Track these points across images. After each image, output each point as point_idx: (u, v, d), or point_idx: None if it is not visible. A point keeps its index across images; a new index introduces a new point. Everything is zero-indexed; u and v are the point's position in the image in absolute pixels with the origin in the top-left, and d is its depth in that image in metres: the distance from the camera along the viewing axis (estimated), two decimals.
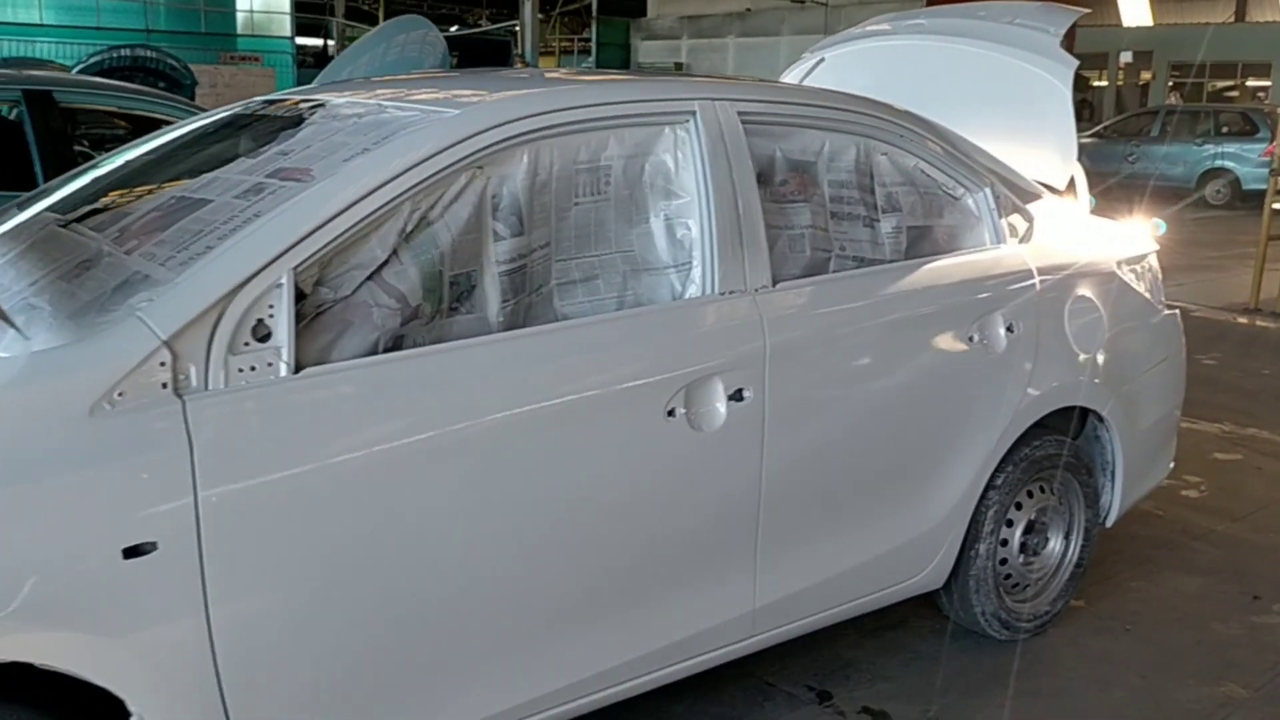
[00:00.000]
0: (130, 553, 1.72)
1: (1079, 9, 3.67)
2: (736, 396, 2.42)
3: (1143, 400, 3.43)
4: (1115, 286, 3.34)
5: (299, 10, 24.16)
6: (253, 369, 1.88)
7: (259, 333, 1.89)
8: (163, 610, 1.77)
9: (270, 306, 1.90)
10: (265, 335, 1.90)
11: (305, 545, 1.91)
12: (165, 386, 1.79)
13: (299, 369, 1.92)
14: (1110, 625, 3.34)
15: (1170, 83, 26.52)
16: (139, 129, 4.61)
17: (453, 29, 36.05)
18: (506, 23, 28.16)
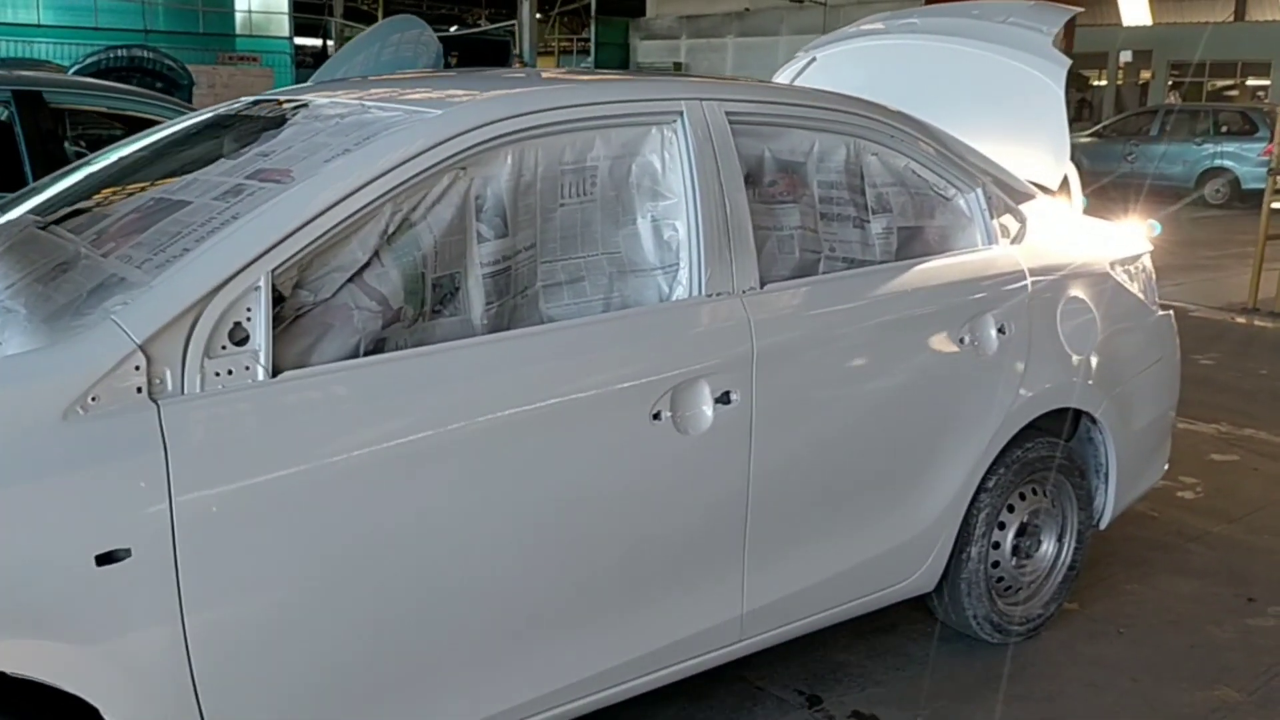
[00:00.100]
0: (103, 559, 1.70)
1: (1072, 8, 3.64)
2: (723, 399, 2.39)
3: (1137, 402, 3.40)
4: (1108, 287, 3.32)
5: (297, 10, 24.15)
6: (230, 373, 1.85)
7: (236, 336, 1.87)
8: (137, 618, 1.75)
9: (248, 309, 1.88)
10: (243, 339, 1.88)
11: (284, 551, 1.89)
12: (140, 391, 1.77)
13: (277, 373, 1.90)
14: (1104, 628, 3.32)
15: (1170, 82, 26.50)
16: (134, 130, 4.58)
17: (452, 29, 36.05)
18: (505, 23, 28.14)
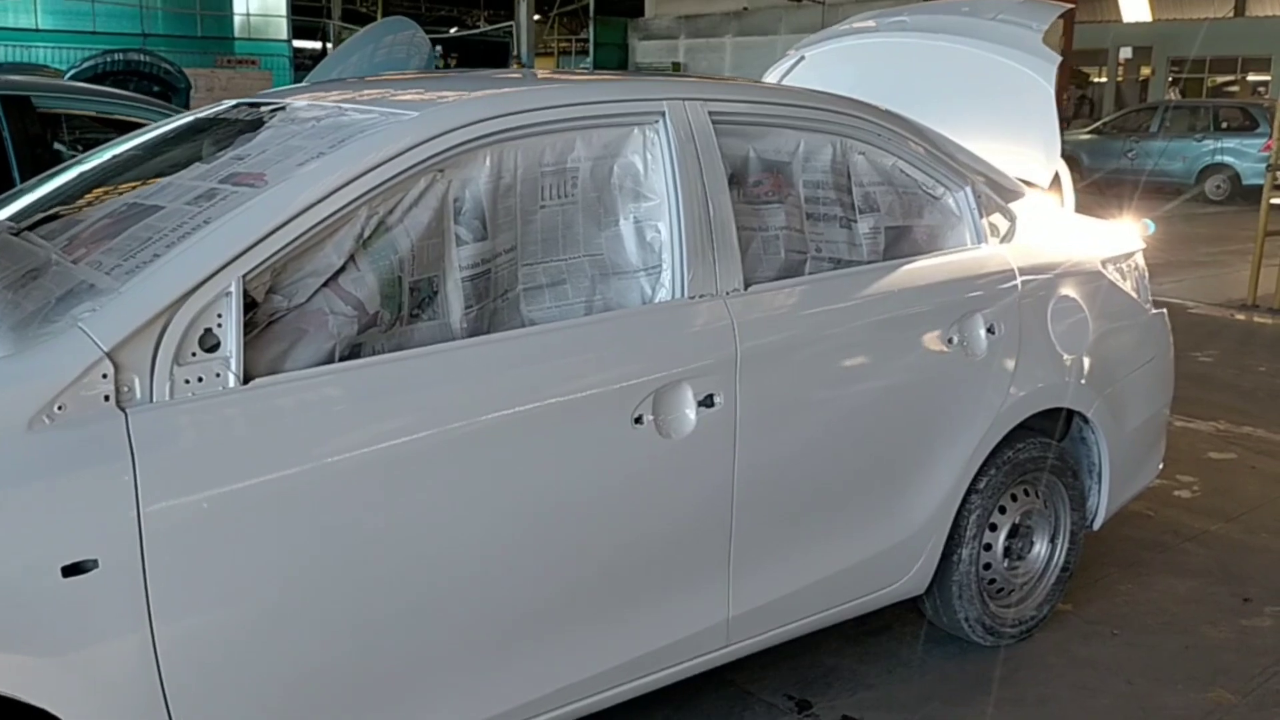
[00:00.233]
0: (70, 570, 1.67)
1: (1062, 4, 3.62)
2: (707, 402, 2.37)
3: (1130, 401, 3.37)
4: (1100, 286, 3.29)
5: (296, 13, 24.17)
6: (200, 380, 1.83)
7: (207, 343, 1.84)
8: (105, 629, 1.72)
9: (218, 316, 1.85)
10: (213, 345, 1.85)
11: (256, 560, 1.86)
12: (108, 399, 1.74)
13: (249, 379, 1.87)
14: (1098, 630, 3.29)
15: (1170, 78, 26.44)
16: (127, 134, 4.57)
17: (451, 30, 36.06)
18: (504, 24, 28.13)
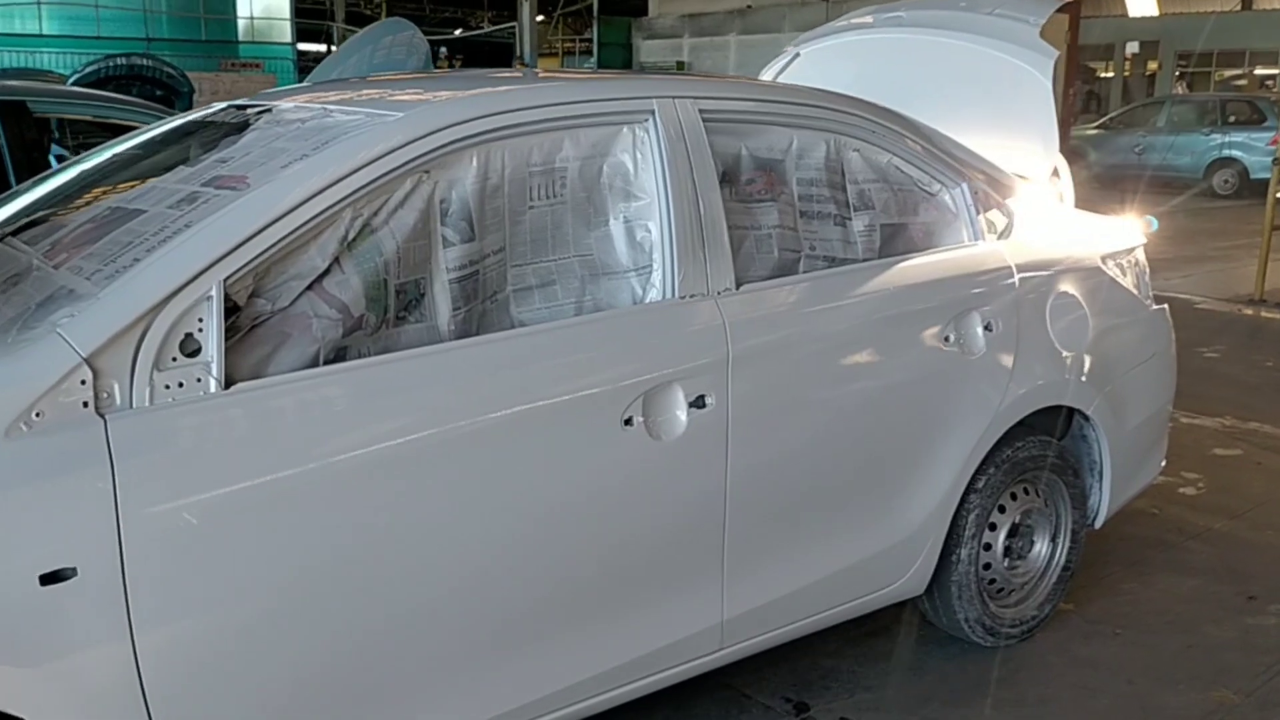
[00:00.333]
0: (48, 579, 1.66)
1: None
2: (698, 403, 2.34)
3: (1131, 398, 3.34)
4: (1100, 282, 3.26)
5: (299, 16, 24.20)
6: (180, 385, 1.81)
7: (187, 348, 1.83)
8: (84, 638, 1.70)
9: (199, 320, 1.83)
10: (194, 350, 1.83)
11: (239, 567, 1.84)
12: (86, 405, 1.72)
13: (230, 384, 1.86)
14: (1099, 629, 3.25)
15: (1177, 72, 26.30)
16: None
17: (456, 32, 36.10)
18: (508, 25, 28.15)
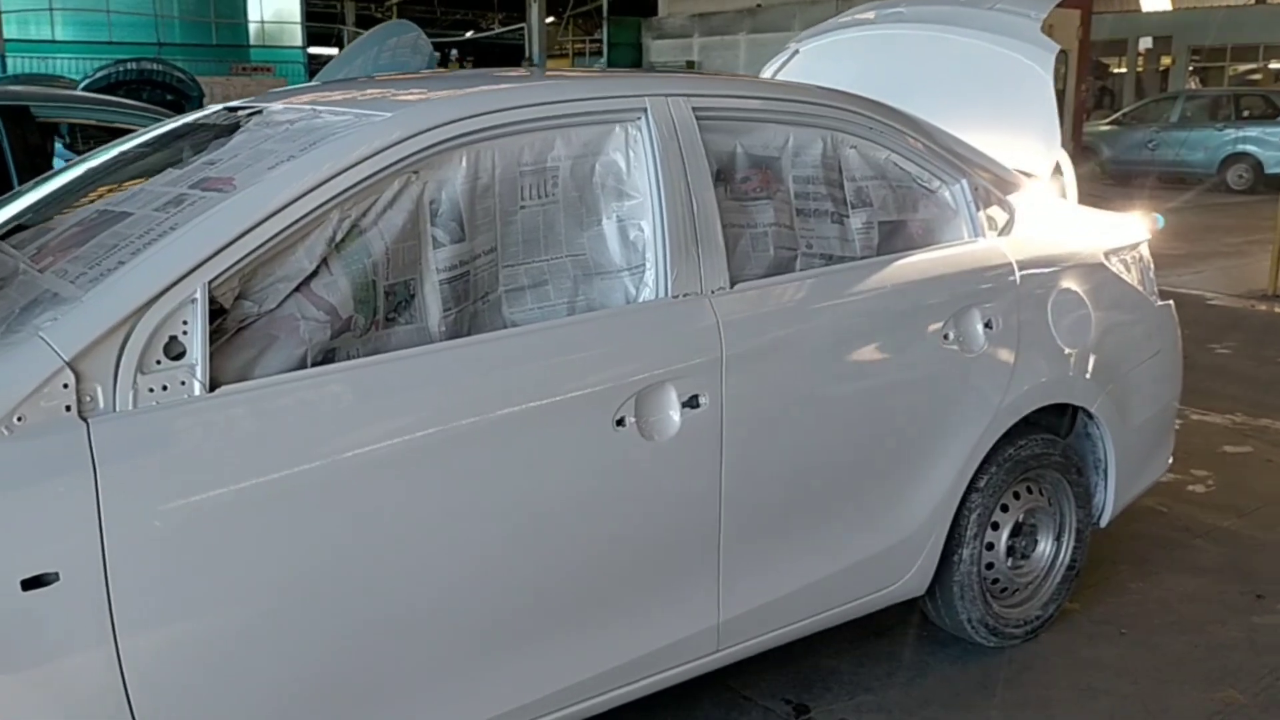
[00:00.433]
0: (30, 584, 1.65)
1: None
2: (691, 403, 2.32)
3: (1135, 395, 3.30)
4: (1103, 278, 3.22)
5: (310, 20, 24.28)
6: (164, 388, 1.80)
7: (172, 350, 1.82)
8: (67, 644, 1.69)
9: (184, 323, 1.83)
10: (179, 353, 1.82)
11: (223, 571, 1.83)
12: (69, 409, 1.72)
13: (216, 387, 1.85)
14: (1104, 630, 3.22)
15: (1190, 67, 26.12)
16: None
17: (467, 34, 36.14)
18: (517, 26, 28.17)
